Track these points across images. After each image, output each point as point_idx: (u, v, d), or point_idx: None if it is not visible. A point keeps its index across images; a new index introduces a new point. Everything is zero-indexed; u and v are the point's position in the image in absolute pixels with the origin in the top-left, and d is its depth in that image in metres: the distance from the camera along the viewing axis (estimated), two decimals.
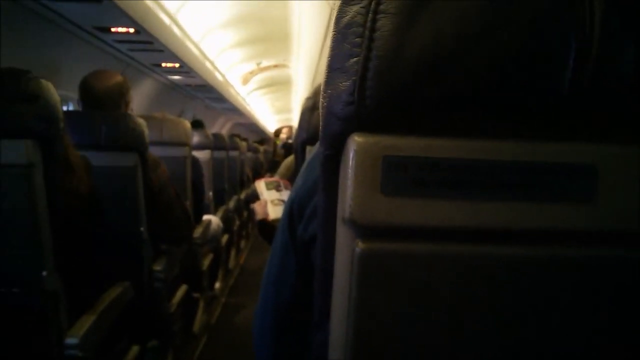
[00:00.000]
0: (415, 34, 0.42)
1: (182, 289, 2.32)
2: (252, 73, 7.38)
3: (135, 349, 1.68)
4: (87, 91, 1.87)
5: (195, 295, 2.77)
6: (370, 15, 0.43)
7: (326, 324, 0.53)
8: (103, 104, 1.84)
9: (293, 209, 0.71)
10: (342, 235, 0.48)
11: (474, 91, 0.43)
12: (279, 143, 8.39)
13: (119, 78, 1.94)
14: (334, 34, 0.45)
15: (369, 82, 0.42)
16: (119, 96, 1.89)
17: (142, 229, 1.81)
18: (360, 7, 0.43)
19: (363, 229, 0.45)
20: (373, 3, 0.43)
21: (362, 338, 0.47)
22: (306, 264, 0.70)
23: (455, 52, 0.42)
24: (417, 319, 0.47)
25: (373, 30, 0.42)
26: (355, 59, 0.43)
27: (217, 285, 3.67)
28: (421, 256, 0.45)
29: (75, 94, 3.13)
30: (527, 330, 0.47)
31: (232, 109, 7.58)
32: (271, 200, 1.60)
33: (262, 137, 13.31)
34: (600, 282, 0.46)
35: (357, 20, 0.43)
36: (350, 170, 0.44)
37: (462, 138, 0.44)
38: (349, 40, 0.43)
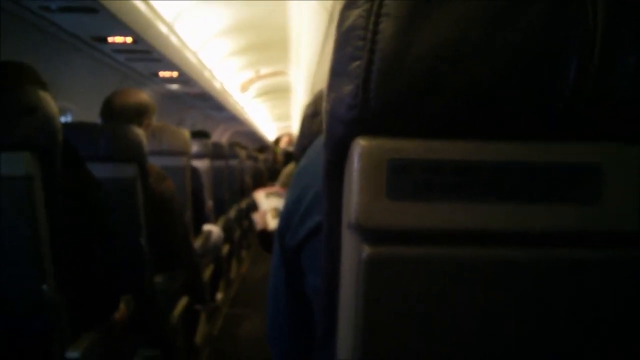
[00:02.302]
0: (418, 36, 0.41)
1: (184, 301, 2.31)
2: (251, 81, 7.40)
3: None
4: (106, 105, 1.92)
5: (197, 306, 2.75)
6: (372, 18, 0.42)
7: (334, 332, 0.53)
8: (116, 119, 1.86)
9: (282, 222, 0.73)
10: (348, 240, 0.47)
11: (477, 93, 0.42)
12: (279, 151, 8.41)
13: (141, 98, 1.97)
14: (336, 38, 0.45)
15: (372, 84, 0.42)
16: (135, 114, 1.92)
17: (142, 241, 1.80)
18: (362, 11, 0.43)
19: (369, 234, 0.45)
20: (375, 6, 0.42)
21: (371, 343, 0.47)
22: (296, 275, 0.72)
23: (458, 54, 0.41)
24: (426, 322, 0.46)
25: (375, 33, 0.42)
26: (357, 62, 0.43)
27: (219, 296, 3.66)
28: (428, 259, 0.45)
29: (73, 105, 3.15)
30: (536, 332, 0.47)
31: (231, 117, 7.60)
32: (270, 210, 1.59)
33: (261, 145, 13.35)
34: (606, 283, 0.46)
35: (359, 23, 0.43)
36: (354, 175, 0.44)
37: (467, 140, 0.44)
38: (351, 44, 0.43)
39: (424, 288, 0.45)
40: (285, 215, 0.73)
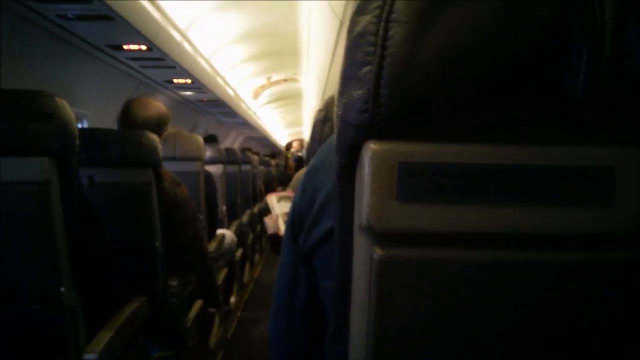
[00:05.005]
0: (427, 41, 0.42)
1: (198, 304, 2.32)
2: (263, 87, 7.42)
3: None
4: (127, 116, 1.97)
5: (211, 310, 2.77)
6: (382, 24, 0.43)
7: (345, 333, 0.53)
8: (136, 129, 1.90)
9: (294, 221, 0.73)
10: (360, 242, 0.48)
11: (487, 96, 0.43)
12: (291, 156, 8.44)
13: (160, 109, 2.03)
14: (347, 44, 0.45)
15: (383, 89, 0.43)
16: (156, 127, 1.98)
17: (157, 244, 1.82)
18: (373, 17, 0.44)
19: (380, 236, 0.45)
20: (385, 12, 0.43)
21: (382, 345, 0.47)
22: (311, 274, 0.72)
23: (467, 58, 0.42)
24: (437, 324, 0.47)
25: (385, 39, 0.43)
26: (368, 67, 0.43)
27: (232, 299, 3.68)
28: (439, 261, 0.45)
29: (88, 112, 3.19)
30: (548, 334, 0.47)
31: (243, 123, 7.63)
32: (282, 214, 1.60)
33: (273, 150, 13.38)
34: (621, 285, 0.46)
35: (369, 29, 0.43)
36: (366, 178, 0.44)
37: (477, 143, 0.44)
38: (361, 49, 0.44)
39: (435, 290, 0.46)
40: (296, 216, 0.73)
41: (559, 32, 0.41)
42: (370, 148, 0.44)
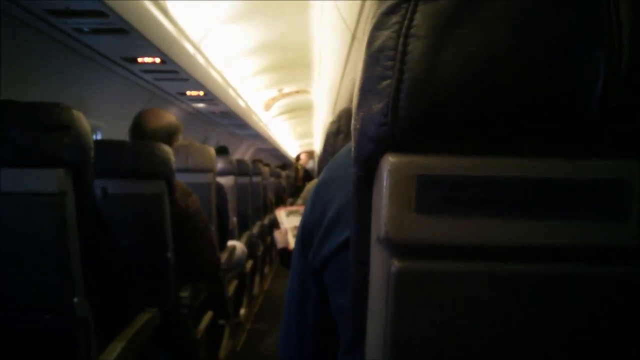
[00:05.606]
0: (445, 56, 0.42)
1: (208, 316, 2.32)
2: (274, 99, 7.46)
3: None
4: (138, 127, 2.01)
5: (221, 322, 2.77)
6: (401, 39, 0.43)
7: (360, 346, 0.53)
8: (147, 140, 1.92)
9: (304, 235, 0.73)
10: (377, 254, 0.48)
11: (503, 110, 0.43)
12: (300, 167, 8.47)
13: (170, 120, 2.06)
14: (366, 58, 0.46)
15: (402, 103, 0.43)
16: (166, 137, 2.01)
17: (169, 255, 1.83)
18: (392, 32, 0.44)
19: (398, 248, 0.45)
20: (404, 28, 0.43)
21: (399, 358, 0.47)
22: (321, 288, 0.72)
23: (484, 72, 0.42)
24: (454, 337, 0.47)
25: (404, 53, 0.43)
26: (387, 81, 0.44)
27: (242, 311, 3.67)
28: (457, 273, 0.45)
29: (103, 123, 3.22)
30: (564, 347, 0.47)
31: (254, 135, 7.66)
32: (292, 228, 1.61)
33: (284, 162, 13.41)
34: (633, 299, 0.46)
35: (389, 44, 0.44)
36: (384, 190, 0.45)
37: (494, 156, 0.44)
38: (380, 64, 0.44)
39: (453, 302, 0.46)
40: (306, 230, 0.73)
41: (577, 48, 0.41)
42: (389, 161, 0.45)
